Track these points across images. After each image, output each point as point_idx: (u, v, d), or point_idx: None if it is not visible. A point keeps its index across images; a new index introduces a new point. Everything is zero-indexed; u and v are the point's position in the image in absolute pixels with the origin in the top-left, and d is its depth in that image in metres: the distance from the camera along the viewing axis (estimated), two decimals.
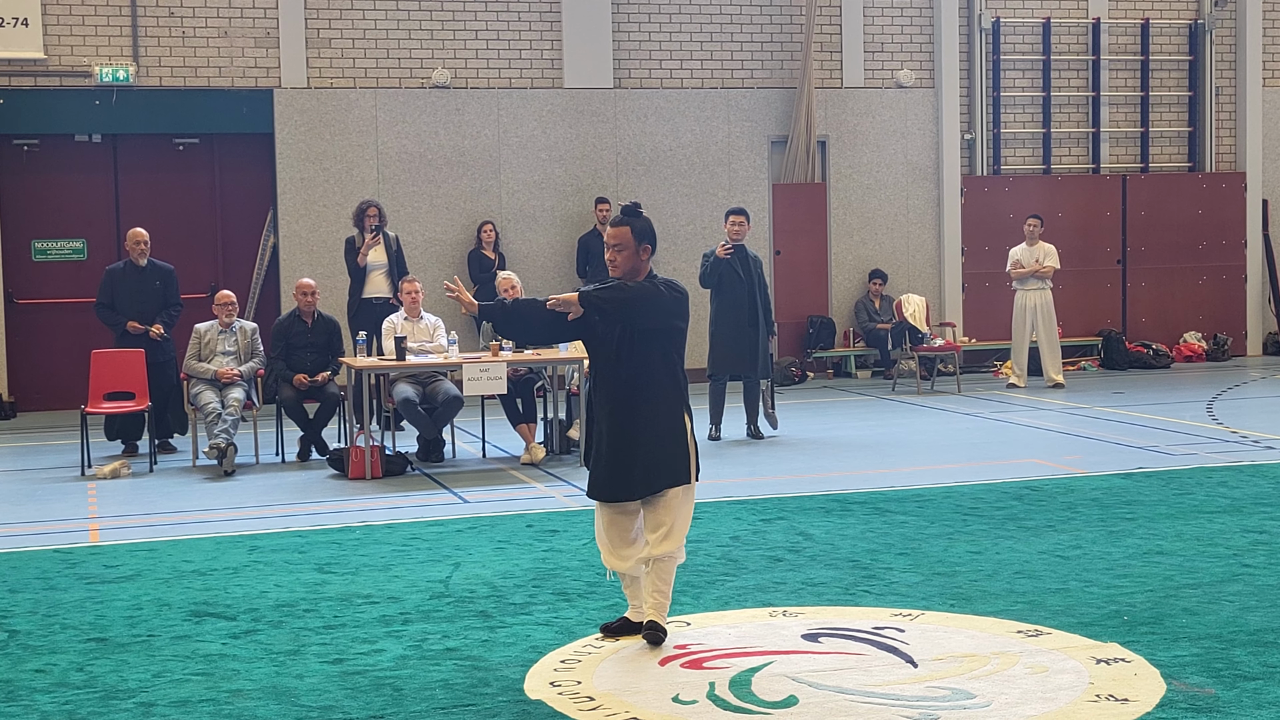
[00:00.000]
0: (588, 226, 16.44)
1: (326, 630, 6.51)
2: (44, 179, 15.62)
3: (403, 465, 11.14)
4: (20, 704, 5.56)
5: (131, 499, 10.30)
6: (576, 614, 6.72)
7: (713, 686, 5.65)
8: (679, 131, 17.02)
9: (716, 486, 10.19)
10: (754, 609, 6.80)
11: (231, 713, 5.41)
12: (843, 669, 5.83)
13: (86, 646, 6.35)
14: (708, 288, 12.50)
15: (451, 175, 16.35)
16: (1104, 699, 5.36)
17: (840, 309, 17.69)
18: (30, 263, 15.61)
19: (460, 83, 16.42)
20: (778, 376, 15.65)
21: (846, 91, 17.62)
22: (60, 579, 7.64)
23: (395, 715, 5.34)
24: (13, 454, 12.53)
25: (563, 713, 5.36)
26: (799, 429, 12.96)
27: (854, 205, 17.69)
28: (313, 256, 15.86)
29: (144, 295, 12.42)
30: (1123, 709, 5.24)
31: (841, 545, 8.06)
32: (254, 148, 16.07)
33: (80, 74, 15.37)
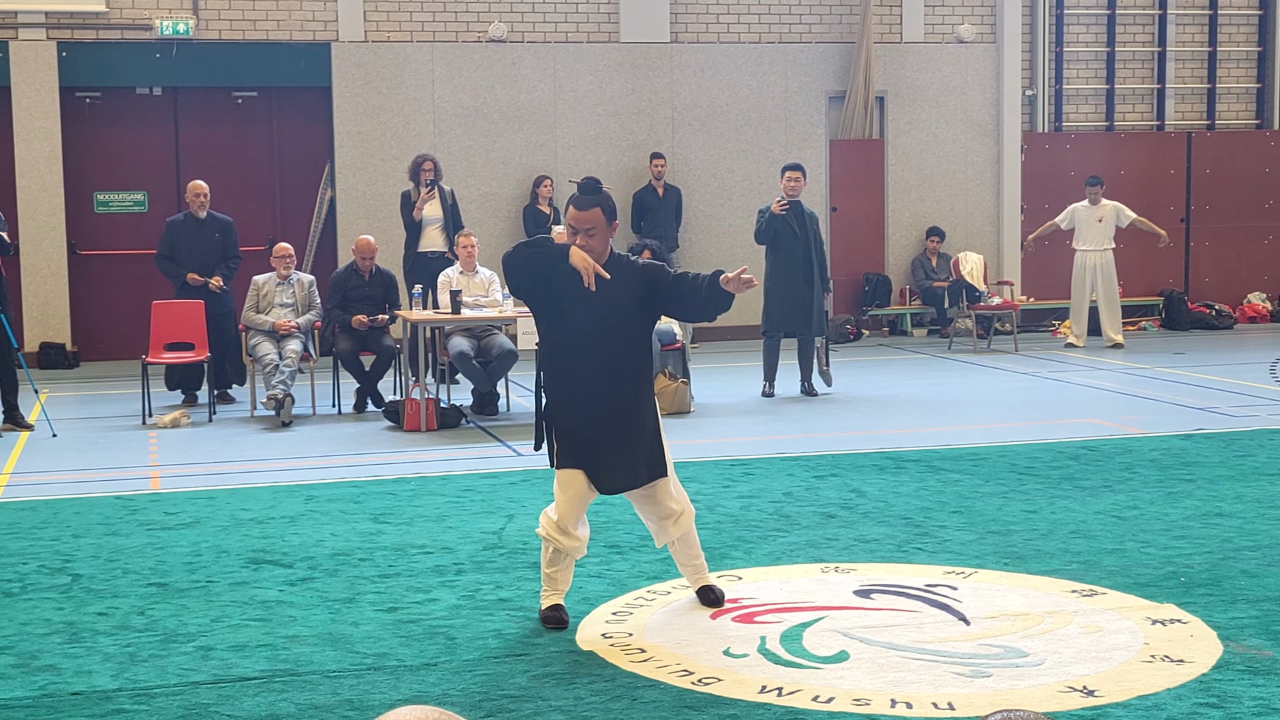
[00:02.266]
0: (643, 182, 16.41)
1: (381, 579, 6.57)
2: (105, 131, 15.74)
3: (457, 418, 11.20)
4: (84, 645, 5.65)
5: (191, 448, 10.41)
6: (628, 566, 6.75)
7: (764, 640, 5.66)
8: (735, 86, 16.94)
9: (769, 443, 10.19)
10: (806, 564, 6.80)
11: (288, 658, 5.48)
12: (894, 625, 5.83)
13: (147, 591, 6.44)
14: (763, 244, 12.46)
15: (507, 130, 16.35)
16: (1159, 660, 5.33)
17: (896, 266, 17.59)
18: (92, 214, 15.76)
19: (516, 37, 16.39)
20: (832, 334, 15.60)
21: (906, 46, 17.46)
22: (122, 525, 7.74)
23: (448, 664, 5.39)
24: (76, 403, 12.69)
25: (614, 664, 5.40)
26: (853, 386, 12.93)
27: (912, 162, 17.56)
28: (369, 210, 15.92)
29: (204, 247, 12.52)
30: (1178, 670, 5.22)
31: (895, 502, 8.05)
32: (311, 101, 16.12)
33: (141, 27, 15.46)
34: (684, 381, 11.62)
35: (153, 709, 4.94)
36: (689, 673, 5.30)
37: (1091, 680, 5.14)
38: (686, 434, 10.63)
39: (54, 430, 10.97)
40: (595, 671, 5.29)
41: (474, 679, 5.22)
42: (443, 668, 5.35)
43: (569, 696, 5.02)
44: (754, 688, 5.13)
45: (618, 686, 5.13)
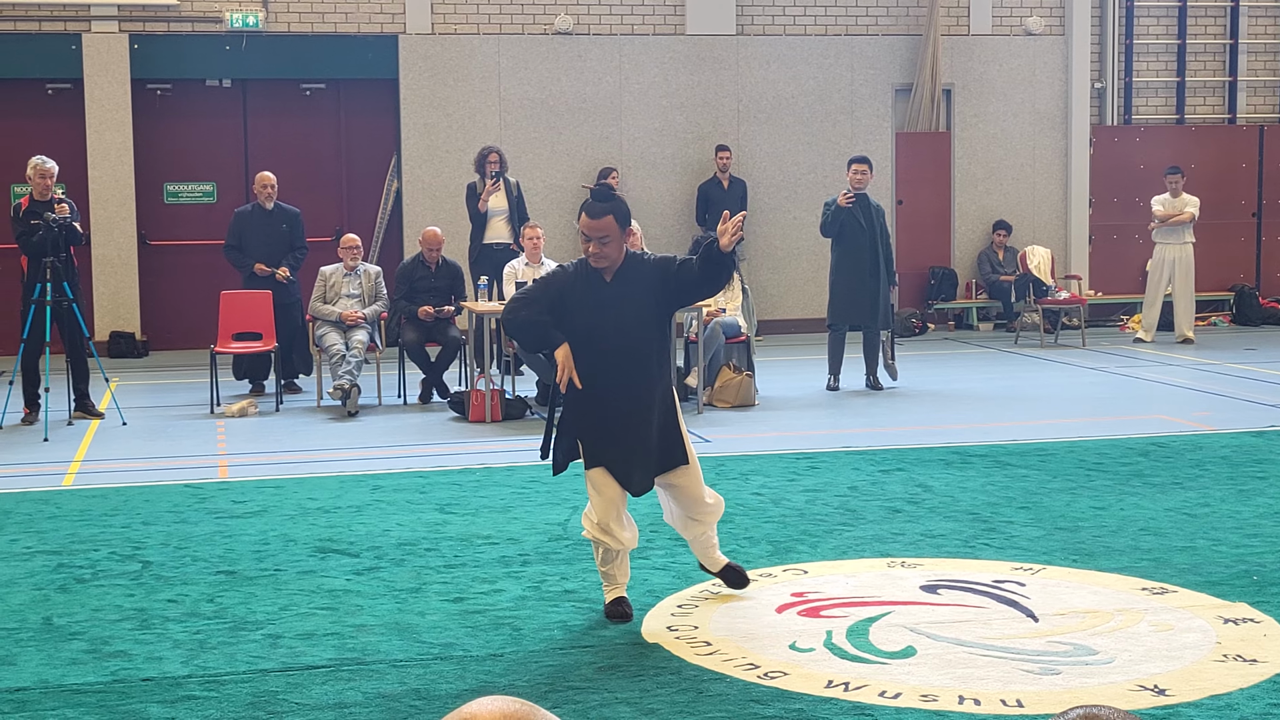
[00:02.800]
0: (708, 174, 16.38)
1: (447, 569, 6.60)
2: (175, 123, 15.89)
3: (522, 409, 11.23)
4: (154, 632, 5.71)
5: (258, 437, 10.50)
6: (693, 559, 6.73)
7: (830, 635, 5.64)
8: (801, 79, 16.87)
9: (835, 437, 10.15)
10: (872, 559, 6.77)
11: (355, 647, 5.51)
12: (962, 621, 5.79)
13: (216, 579, 6.50)
14: (828, 237, 12.42)
15: (573, 122, 16.37)
16: (1231, 659, 5.27)
17: (963, 260, 17.47)
18: (162, 205, 15.91)
19: (583, 29, 16.40)
20: (898, 327, 15.50)
21: (973, 39, 17.33)
22: (191, 513, 7.82)
23: (514, 654, 5.40)
24: (146, 391, 12.82)
25: (679, 656, 5.39)
26: (919, 380, 12.85)
27: (979, 155, 17.43)
28: (435, 202, 15.98)
29: (271, 238, 12.62)
30: (1250, 670, 5.15)
31: (961, 498, 7.99)
32: (379, 93, 16.20)
33: (211, 19, 15.60)
34: (749, 374, 11.60)
35: (222, 696, 4.99)
36: (755, 666, 5.28)
37: (1163, 679, 5.08)
38: (751, 427, 10.61)
39: (124, 419, 11.09)
40: (661, 664, 5.29)
41: (540, 670, 5.23)
42: (508, 658, 5.36)
43: (635, 689, 5.02)
44: (820, 682, 5.11)
45: (684, 679, 5.13)
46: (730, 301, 11.98)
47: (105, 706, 4.89)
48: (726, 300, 11.95)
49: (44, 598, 6.22)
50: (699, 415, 11.11)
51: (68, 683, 5.13)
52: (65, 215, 10.91)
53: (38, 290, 10.81)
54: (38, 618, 5.92)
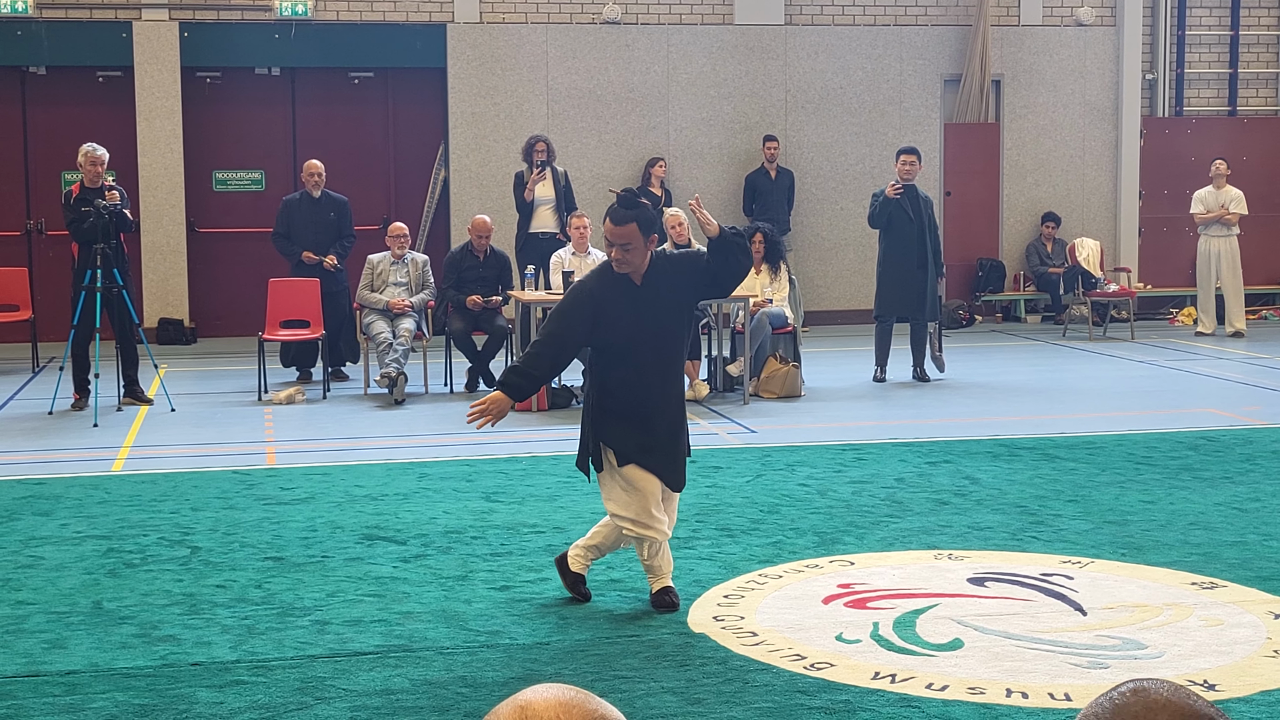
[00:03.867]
0: (755, 165, 16.34)
1: (494, 557, 6.61)
2: (225, 111, 15.97)
3: (568, 398, 11.24)
4: (203, 617, 5.75)
5: (306, 424, 10.55)
6: (739, 550, 6.73)
7: (876, 626, 5.62)
8: (850, 69, 16.80)
9: (881, 428, 10.12)
10: (918, 551, 6.74)
11: (402, 634, 5.53)
12: (1009, 614, 5.76)
13: (264, 565, 6.53)
14: (876, 228, 12.37)
15: (620, 111, 16.36)
16: None
17: (1011, 252, 17.37)
18: (211, 193, 16.01)
19: (631, 18, 16.38)
20: (945, 319, 15.43)
21: (1023, 29, 17.21)
22: (239, 499, 7.86)
23: (561, 643, 5.41)
24: (194, 378, 12.91)
25: (726, 646, 5.39)
26: (966, 372, 12.79)
27: (1028, 146, 17.31)
28: (482, 190, 16.01)
29: (318, 226, 12.67)
30: None
31: (1009, 490, 7.95)
32: (427, 82, 16.24)
33: (261, 8, 15.67)
34: (795, 365, 11.57)
35: (270, 681, 5.01)
36: (801, 657, 5.27)
37: (1213, 674, 5.04)
38: (797, 418, 10.58)
39: (172, 405, 11.17)
40: (707, 654, 5.29)
41: (586, 659, 5.24)
42: (555, 647, 5.37)
43: (681, 678, 5.02)
44: (867, 674, 5.09)
45: (730, 669, 5.12)
46: (777, 292, 11.95)
47: (155, 690, 4.93)
48: (773, 291, 11.92)
49: (94, 582, 6.27)
50: (745, 406, 11.09)
51: (118, 666, 5.17)
52: (116, 202, 10.99)
53: (88, 277, 10.90)
54: (88, 602, 5.97)
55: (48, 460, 9.19)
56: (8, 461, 9.16)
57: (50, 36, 15.30)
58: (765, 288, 11.91)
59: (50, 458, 9.29)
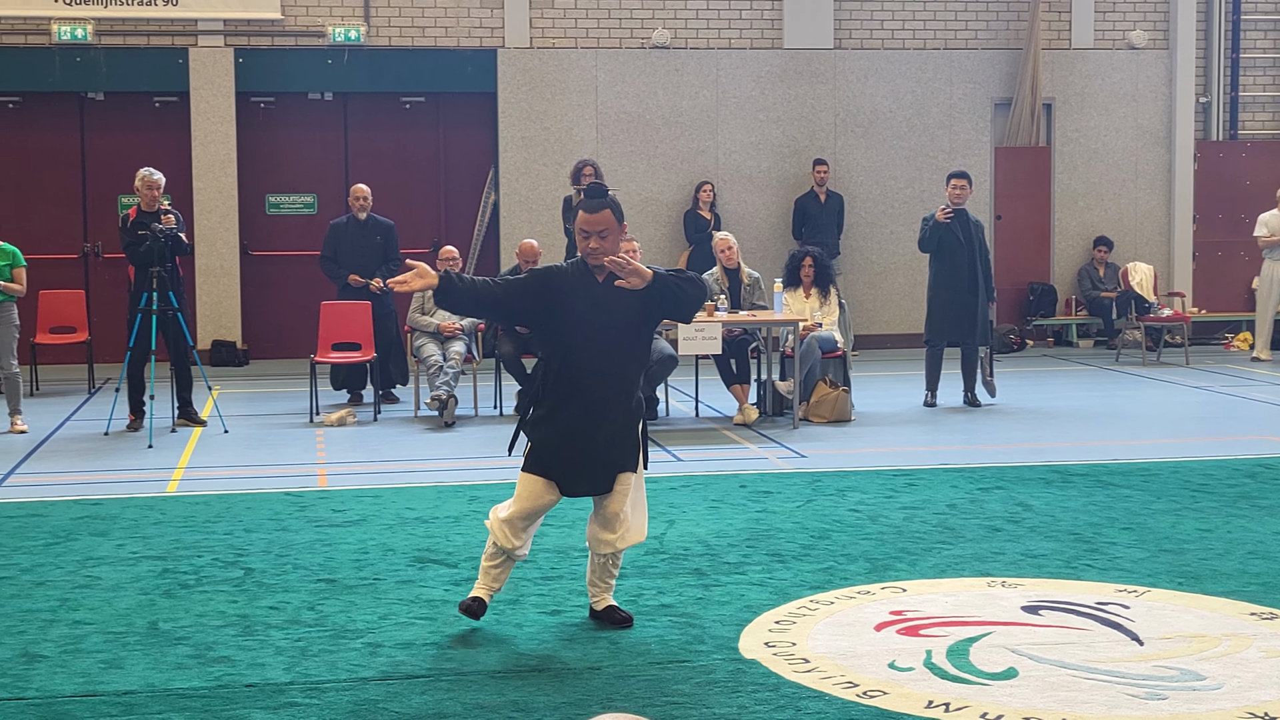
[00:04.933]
0: (804, 188, 16.33)
1: (544, 581, 6.61)
2: (278, 135, 16.12)
3: None
4: (256, 638, 5.78)
5: (357, 446, 10.60)
6: (790, 575, 6.71)
7: (929, 654, 5.59)
8: (899, 93, 16.78)
9: (932, 453, 10.07)
10: (971, 578, 6.70)
11: (454, 657, 5.54)
12: (1064, 643, 5.71)
13: (316, 587, 6.56)
14: (926, 252, 12.34)
15: (669, 135, 16.39)
16: None
17: (1062, 276, 17.28)
18: (264, 216, 16.14)
19: (680, 43, 16.43)
20: (996, 344, 15.36)
21: (1075, 53, 17.15)
22: (291, 521, 7.91)
23: (612, 668, 5.40)
24: (246, 400, 13.00)
25: (778, 673, 5.36)
26: (1018, 397, 12.72)
27: (1079, 170, 17.24)
28: (532, 215, 16.07)
29: (365, 249, 12.75)
30: None
31: (1062, 517, 7.89)
32: (477, 107, 16.33)
33: (314, 34, 15.81)
34: (845, 390, 11.53)
35: (323, 703, 5.03)
36: (853, 684, 5.24)
37: (1273, 706, 4.98)
38: (848, 443, 10.55)
39: (225, 426, 11.25)
40: (759, 680, 5.27)
41: (638, 684, 5.23)
42: (606, 672, 5.36)
43: (733, 705, 5.01)
44: (920, 702, 5.06)
45: (781, 696, 5.10)
46: (827, 316, 11.93)
47: (210, 711, 4.96)
48: (823, 315, 11.91)
49: (150, 602, 6.32)
50: (794, 430, 11.07)
51: (173, 687, 5.21)
52: (171, 226, 11.10)
53: (144, 299, 11.00)
54: (144, 622, 6.02)
55: (104, 481, 9.28)
56: (65, 482, 9.25)
57: (108, 63, 15.49)
58: (815, 311, 11.89)
59: (106, 478, 9.37)
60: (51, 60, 15.42)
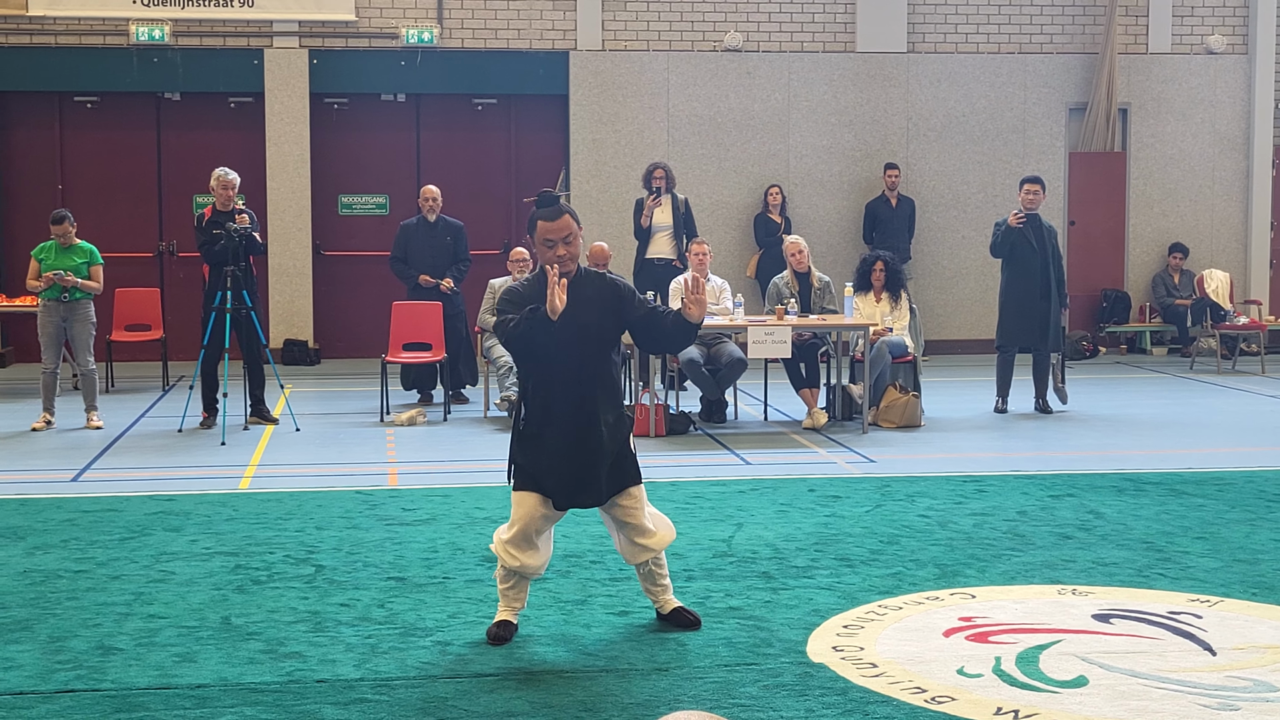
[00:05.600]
0: (875, 192, 16.27)
1: (612, 582, 6.63)
2: (351, 136, 16.26)
3: (685, 425, 11.26)
4: (327, 635, 5.84)
5: (427, 446, 10.67)
6: (859, 580, 6.69)
7: (999, 661, 5.55)
8: (973, 97, 16.68)
9: (1003, 460, 10.00)
10: (1041, 585, 6.65)
11: (522, 656, 5.57)
12: (1136, 652, 5.66)
13: (387, 585, 6.62)
14: (998, 257, 12.26)
15: (740, 138, 16.38)
16: None
17: (1136, 283, 17.11)
18: (336, 216, 16.29)
19: (752, 46, 16.42)
20: (1068, 350, 15.23)
21: (1151, 57, 16.98)
22: (362, 519, 7.97)
23: (680, 670, 5.41)
24: (318, 398, 13.12)
25: (845, 677, 5.35)
26: (1090, 405, 12.60)
27: (1155, 176, 17.06)
28: (602, 217, 16.11)
29: (434, 250, 12.83)
30: None
31: (1134, 526, 7.82)
32: (549, 109, 16.39)
33: (388, 35, 15.93)
34: (915, 395, 11.48)
35: (393, 700, 5.07)
36: (922, 690, 5.22)
37: None
38: (917, 448, 10.50)
39: (297, 425, 11.36)
40: (826, 684, 5.26)
41: (705, 686, 5.23)
42: (674, 673, 5.37)
43: (800, 708, 5.00)
44: (989, 709, 5.03)
45: (849, 701, 5.09)
46: (897, 321, 11.88)
47: (281, 706, 5.01)
48: (893, 319, 11.86)
49: (223, 598, 6.39)
50: (863, 435, 11.03)
51: (246, 681, 5.27)
52: (246, 226, 11.22)
53: (218, 298, 11.13)
54: (217, 617, 6.09)
55: (177, 477, 9.39)
56: (139, 478, 9.37)
57: (185, 64, 15.68)
58: (885, 316, 11.84)
59: (180, 474, 9.49)
60: (129, 61, 15.63)
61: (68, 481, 9.25)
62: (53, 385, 11.46)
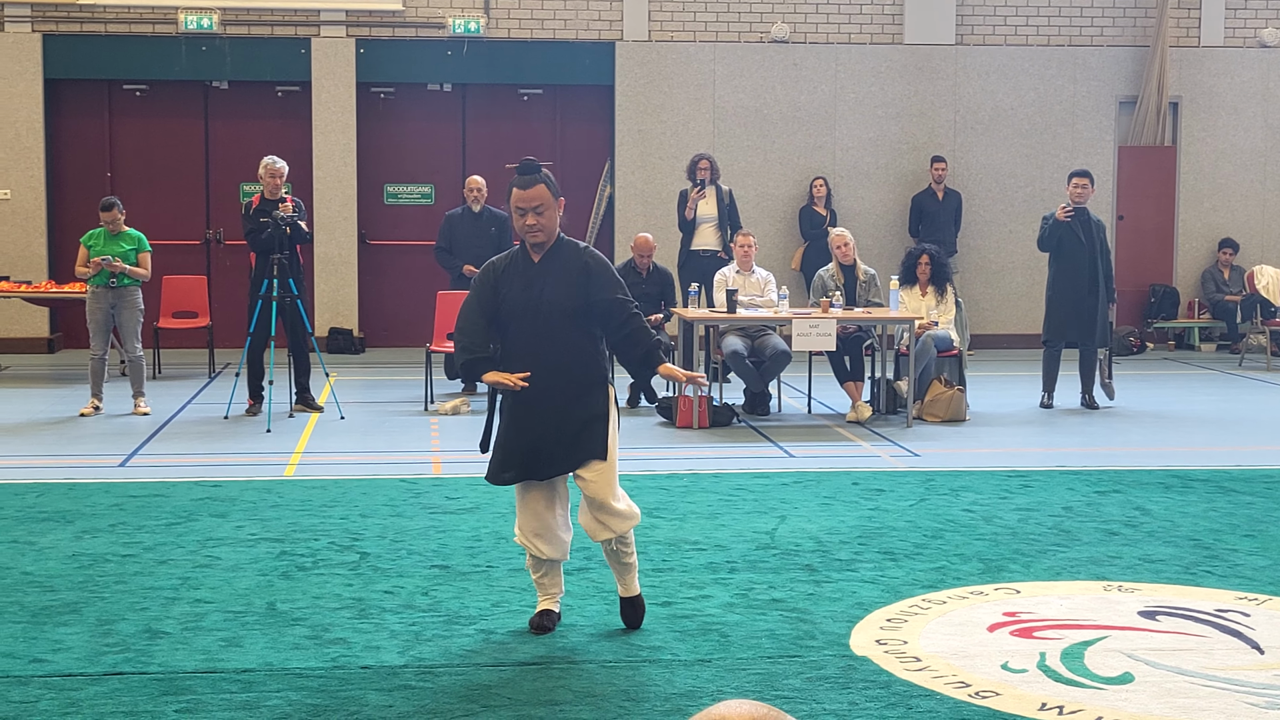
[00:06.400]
0: (922, 185, 16.20)
1: (655, 573, 6.63)
2: (397, 126, 16.30)
3: (729, 417, 11.24)
4: (372, 621, 5.86)
5: (470, 435, 10.67)
6: (903, 574, 6.67)
7: (1043, 657, 5.52)
8: (1021, 90, 16.58)
9: (1048, 455, 9.95)
10: (1087, 581, 6.61)
11: (565, 645, 5.58)
12: (1182, 649, 5.62)
13: (430, 573, 6.64)
14: (1046, 251, 12.18)
15: (786, 130, 16.33)
16: None
17: (1185, 278, 16.97)
18: (382, 205, 16.34)
19: (799, 37, 16.36)
20: (1116, 346, 15.12)
21: (1203, 50, 16.82)
22: (406, 507, 8.00)
23: (722, 661, 5.41)
24: (363, 387, 13.17)
25: (889, 670, 5.33)
26: (1137, 400, 12.51)
27: (1205, 170, 16.91)
28: (647, 208, 16.10)
29: (479, 240, 12.85)
30: None
31: (1181, 523, 7.76)
32: (594, 99, 16.39)
33: (434, 25, 15.96)
34: (960, 389, 11.43)
35: (437, 687, 5.09)
36: (966, 685, 5.20)
37: None
38: (961, 442, 10.45)
39: (342, 413, 11.41)
40: (870, 678, 5.24)
41: (747, 677, 5.23)
42: (716, 664, 5.37)
43: (843, 701, 4.98)
44: (1034, 704, 5.00)
45: (893, 694, 5.07)
46: (943, 314, 11.82)
47: (326, 691, 5.03)
48: (939, 313, 11.80)
49: (268, 583, 6.43)
50: (908, 429, 10.99)
51: (291, 666, 5.29)
52: (290, 212, 11.24)
53: (265, 286, 11.18)
54: (262, 603, 6.13)
55: (223, 464, 9.45)
56: (186, 464, 9.44)
57: (233, 52, 15.76)
58: (931, 310, 11.79)
59: (226, 461, 9.55)
60: (178, 49, 15.73)
61: (115, 467, 9.32)
62: (101, 371, 11.55)
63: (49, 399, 12.29)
